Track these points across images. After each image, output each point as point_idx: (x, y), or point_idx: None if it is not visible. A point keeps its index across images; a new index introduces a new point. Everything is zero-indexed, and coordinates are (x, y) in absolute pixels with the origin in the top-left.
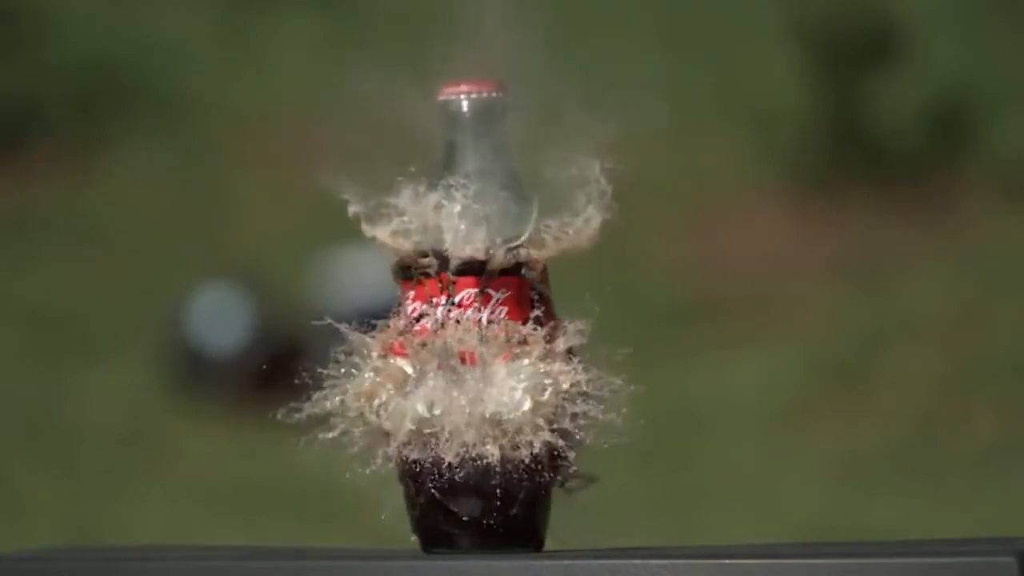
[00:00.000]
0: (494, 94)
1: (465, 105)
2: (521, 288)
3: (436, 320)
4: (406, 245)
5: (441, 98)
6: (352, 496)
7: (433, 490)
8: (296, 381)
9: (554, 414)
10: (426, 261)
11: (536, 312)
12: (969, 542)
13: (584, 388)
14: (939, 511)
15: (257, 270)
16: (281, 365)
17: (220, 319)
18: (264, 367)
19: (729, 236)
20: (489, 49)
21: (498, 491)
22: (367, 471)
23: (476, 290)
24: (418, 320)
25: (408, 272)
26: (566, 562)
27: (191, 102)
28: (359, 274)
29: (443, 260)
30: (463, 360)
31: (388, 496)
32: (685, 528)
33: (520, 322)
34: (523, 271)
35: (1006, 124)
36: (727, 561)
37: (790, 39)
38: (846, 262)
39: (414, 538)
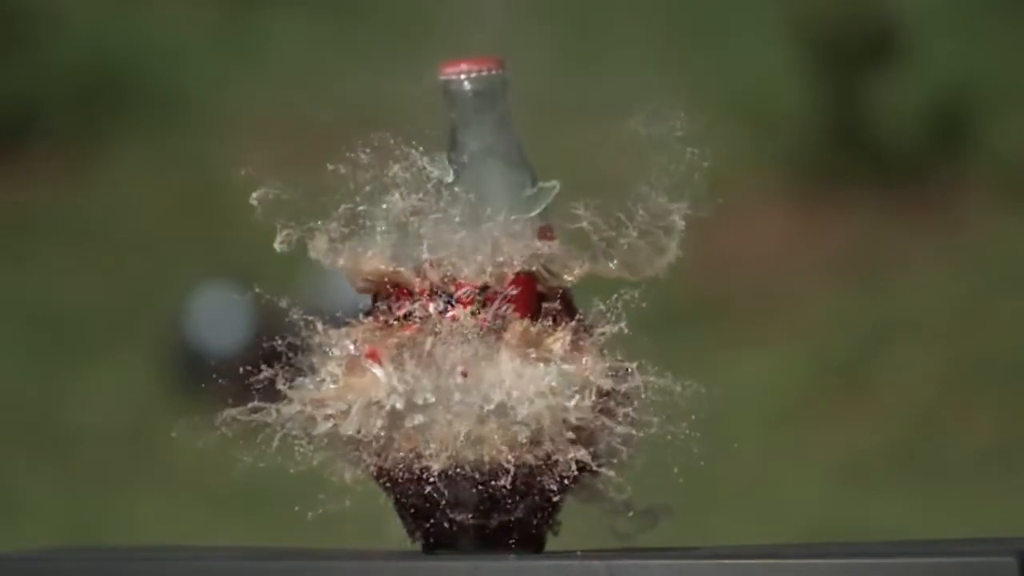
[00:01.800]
0: (494, 71)
1: (466, 84)
2: (532, 282)
3: (430, 320)
4: (369, 263)
5: (442, 78)
6: (352, 497)
7: (420, 500)
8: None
9: (586, 424)
10: (406, 279)
11: (553, 304)
12: (969, 542)
13: (639, 392)
14: (939, 511)
15: (257, 270)
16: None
17: (220, 319)
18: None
19: (730, 236)
20: (489, 33)
21: (503, 501)
22: (335, 483)
23: (478, 288)
24: (403, 318)
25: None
26: (566, 562)
27: (191, 102)
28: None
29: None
30: (464, 374)
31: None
32: (686, 528)
33: (530, 317)
34: (535, 267)
35: (1006, 124)
36: (727, 561)
37: (790, 39)
38: (846, 262)
39: (410, 542)
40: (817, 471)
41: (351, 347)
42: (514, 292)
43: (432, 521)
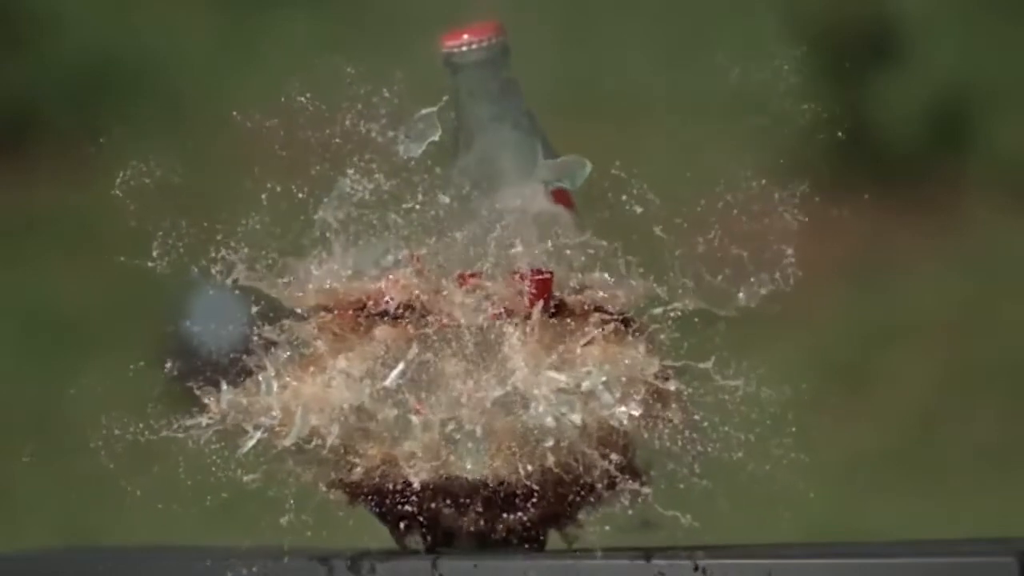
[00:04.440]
0: (495, 39)
1: (469, 55)
2: (549, 276)
3: (415, 319)
4: (312, 292)
5: (443, 51)
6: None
7: (400, 513)
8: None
9: (630, 434)
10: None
11: (580, 297)
12: (969, 542)
13: (725, 402)
14: (939, 511)
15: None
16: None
17: (218, 319)
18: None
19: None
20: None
21: (512, 511)
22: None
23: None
24: (383, 316)
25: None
26: (566, 562)
27: (191, 103)
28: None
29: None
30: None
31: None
32: (688, 528)
33: (550, 313)
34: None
35: (1008, 124)
36: (729, 561)
37: (790, 39)
38: (847, 262)
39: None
40: (817, 471)
41: (313, 341)
42: (531, 290)
43: (423, 530)
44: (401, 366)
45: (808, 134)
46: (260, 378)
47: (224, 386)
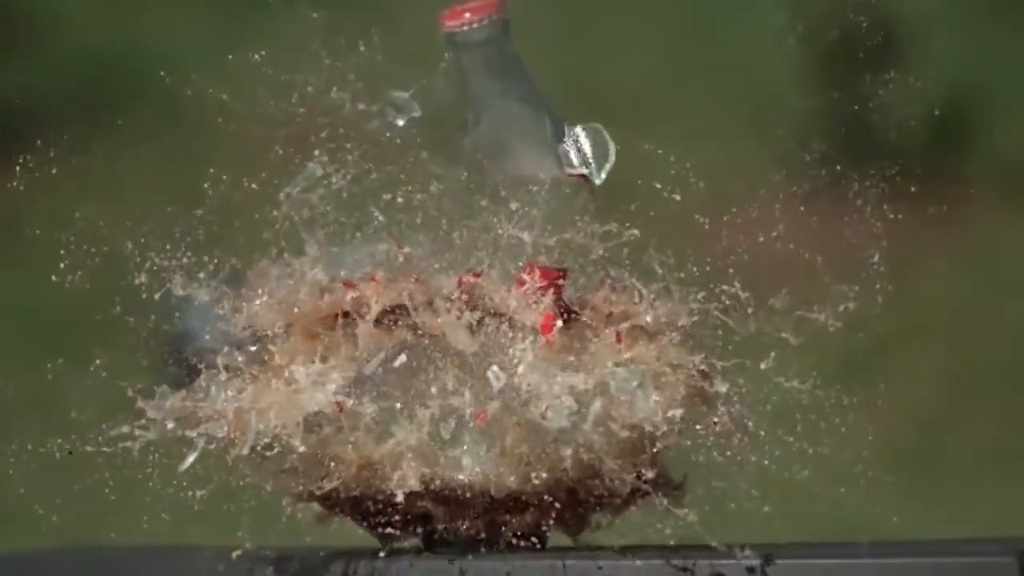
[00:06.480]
0: (495, 15)
1: (471, 33)
2: (561, 275)
3: (403, 322)
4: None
5: (445, 31)
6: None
7: (387, 520)
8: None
9: (663, 437)
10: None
11: (607, 293)
12: (969, 542)
13: (790, 411)
14: (939, 511)
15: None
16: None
17: (216, 319)
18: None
19: (730, 237)
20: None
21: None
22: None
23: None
24: (355, 315)
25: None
26: (566, 562)
27: (190, 103)
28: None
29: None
30: (480, 415)
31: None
32: (688, 527)
33: (561, 314)
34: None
35: (1008, 124)
36: (729, 561)
37: (791, 39)
38: (847, 262)
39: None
40: (818, 470)
41: (281, 343)
42: (542, 284)
43: (420, 533)
44: (382, 355)
45: (809, 134)
46: (213, 384)
47: (163, 390)
